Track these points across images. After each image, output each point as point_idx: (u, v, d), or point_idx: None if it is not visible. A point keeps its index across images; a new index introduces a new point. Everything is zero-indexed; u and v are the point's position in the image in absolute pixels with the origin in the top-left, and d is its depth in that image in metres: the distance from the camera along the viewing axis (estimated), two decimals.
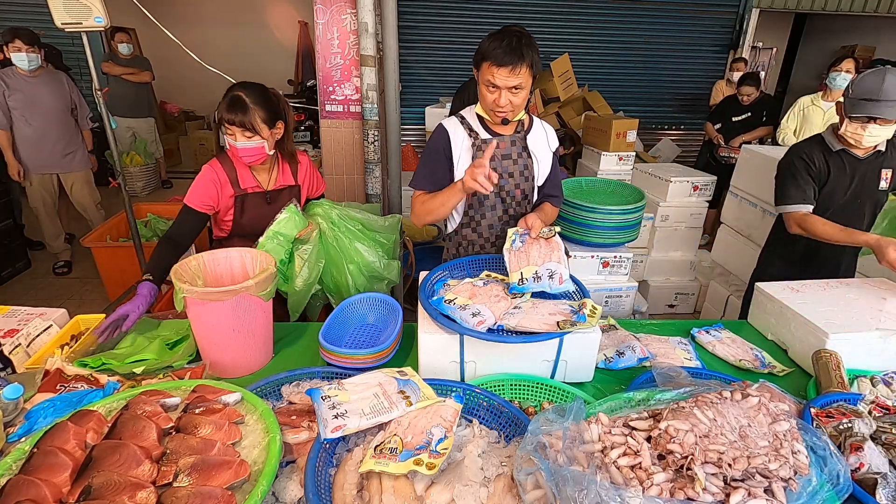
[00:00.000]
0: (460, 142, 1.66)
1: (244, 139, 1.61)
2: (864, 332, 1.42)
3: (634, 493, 0.80)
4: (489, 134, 1.68)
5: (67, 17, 2.52)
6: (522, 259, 1.44)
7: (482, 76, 1.53)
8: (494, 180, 1.42)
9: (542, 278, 1.36)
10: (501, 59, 1.45)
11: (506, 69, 1.46)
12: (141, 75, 5.31)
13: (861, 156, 1.93)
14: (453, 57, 6.07)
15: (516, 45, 1.46)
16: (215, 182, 1.70)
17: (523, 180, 1.73)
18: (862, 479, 0.93)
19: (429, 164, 1.71)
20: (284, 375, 1.25)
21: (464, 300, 1.29)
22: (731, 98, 4.66)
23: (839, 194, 1.97)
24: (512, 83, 1.49)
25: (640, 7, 6.08)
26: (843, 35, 7.33)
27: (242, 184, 1.74)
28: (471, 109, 1.72)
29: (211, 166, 1.72)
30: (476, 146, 1.66)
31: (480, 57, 1.51)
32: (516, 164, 1.70)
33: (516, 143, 1.70)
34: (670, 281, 3.68)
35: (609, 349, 1.48)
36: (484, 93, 1.55)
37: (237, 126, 1.59)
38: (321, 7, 2.55)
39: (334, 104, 2.71)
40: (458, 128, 1.68)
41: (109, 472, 0.83)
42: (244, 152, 1.62)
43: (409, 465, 0.91)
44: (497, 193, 1.72)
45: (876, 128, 1.78)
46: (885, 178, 1.92)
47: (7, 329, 1.40)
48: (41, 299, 3.69)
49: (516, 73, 1.47)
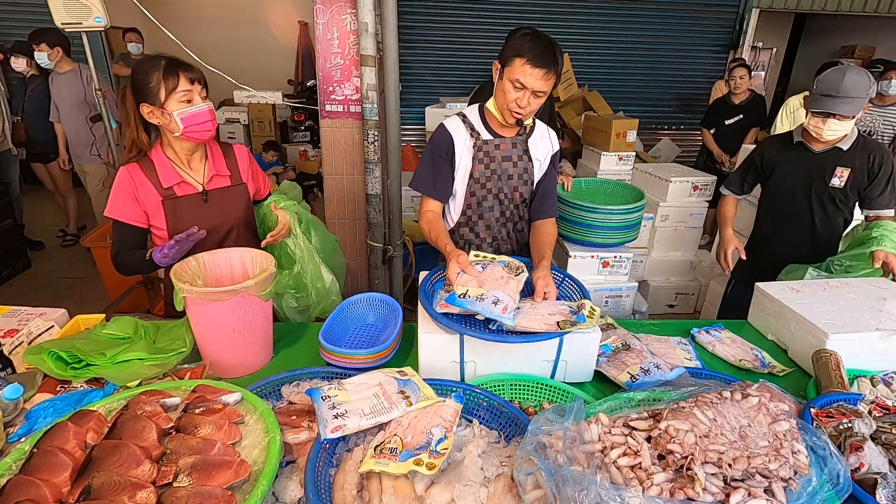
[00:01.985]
0: (462, 142, 1.65)
1: (204, 100, 1.42)
2: (864, 333, 1.41)
3: (634, 493, 0.80)
4: (491, 135, 1.67)
5: (67, 17, 2.52)
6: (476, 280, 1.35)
7: (511, 73, 1.48)
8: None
9: (484, 300, 1.24)
10: (539, 61, 1.43)
11: (541, 71, 1.44)
12: None
13: (816, 150, 1.97)
14: (453, 57, 6.07)
15: (552, 49, 1.45)
16: (132, 187, 1.46)
17: (521, 183, 1.72)
18: (862, 479, 0.93)
19: (430, 165, 1.68)
20: (284, 375, 1.25)
21: (476, 290, 1.28)
22: (721, 101, 4.62)
23: (787, 184, 2.04)
24: (540, 86, 1.46)
25: (640, 7, 6.07)
26: (843, 35, 7.32)
27: (165, 182, 1.48)
28: (474, 108, 1.70)
29: (126, 169, 1.47)
30: (477, 147, 1.65)
31: (515, 53, 1.46)
32: (516, 166, 1.70)
33: (517, 145, 1.69)
34: (670, 281, 3.68)
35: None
36: (507, 90, 1.51)
37: (198, 83, 1.42)
38: (321, 7, 2.54)
39: (334, 104, 2.71)
40: (459, 127, 1.66)
41: (109, 473, 0.83)
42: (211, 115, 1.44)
43: (409, 465, 0.91)
44: (496, 195, 1.72)
45: (835, 123, 1.83)
46: (839, 176, 1.93)
47: (7, 329, 1.40)
48: (41, 299, 3.69)
49: (547, 78, 1.46)
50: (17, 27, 5.68)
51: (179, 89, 1.39)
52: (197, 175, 1.56)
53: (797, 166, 2.01)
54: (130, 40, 5.16)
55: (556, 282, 1.49)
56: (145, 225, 1.52)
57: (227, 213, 1.60)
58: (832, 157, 1.94)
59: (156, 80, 1.38)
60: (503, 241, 1.80)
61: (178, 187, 1.52)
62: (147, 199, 1.49)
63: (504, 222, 1.77)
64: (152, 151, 1.51)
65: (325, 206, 2.92)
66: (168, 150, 1.52)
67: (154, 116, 1.42)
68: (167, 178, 1.50)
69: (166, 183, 1.49)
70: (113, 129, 3.02)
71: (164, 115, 1.41)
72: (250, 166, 1.68)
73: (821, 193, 1.98)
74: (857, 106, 1.79)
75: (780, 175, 2.06)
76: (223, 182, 1.60)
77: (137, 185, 1.47)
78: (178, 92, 1.39)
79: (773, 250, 2.12)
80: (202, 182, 1.56)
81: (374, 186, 2.67)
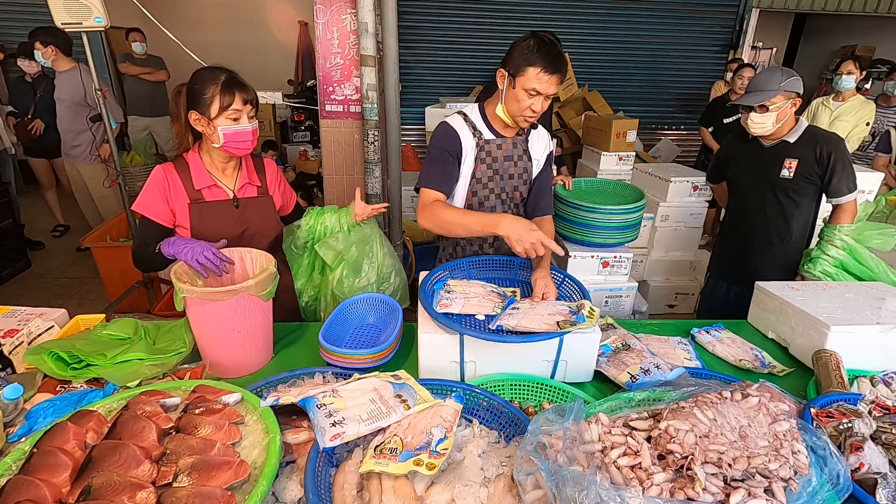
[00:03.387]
0: (467, 141, 1.65)
1: (250, 120, 1.47)
2: (865, 326, 1.42)
3: (634, 494, 0.80)
4: (493, 135, 1.67)
5: (67, 17, 2.52)
6: (621, 365, 1.36)
7: (525, 82, 1.47)
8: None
9: (650, 372, 1.30)
10: (552, 67, 1.45)
11: (555, 77, 1.47)
12: (157, 74, 5.37)
13: (766, 144, 2.07)
14: (453, 57, 6.07)
15: (559, 51, 1.47)
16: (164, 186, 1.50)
17: (521, 183, 1.73)
18: (862, 479, 0.93)
19: (438, 161, 1.63)
20: (284, 375, 1.25)
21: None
22: (720, 100, 4.62)
23: (744, 177, 2.16)
24: (553, 91, 1.49)
25: (640, 7, 6.07)
26: (843, 35, 7.33)
27: (197, 183, 1.52)
28: (473, 107, 1.70)
29: (162, 168, 1.51)
30: (479, 146, 1.65)
31: (527, 63, 1.46)
32: (516, 166, 1.70)
33: (517, 145, 1.70)
34: (670, 281, 3.68)
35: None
36: (521, 98, 1.50)
37: (250, 104, 1.46)
38: (321, 7, 2.55)
39: (334, 104, 2.71)
40: (463, 126, 1.66)
41: (109, 473, 0.83)
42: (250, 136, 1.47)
43: (409, 466, 0.90)
44: (497, 195, 1.72)
45: (756, 115, 1.94)
46: (787, 167, 2.02)
47: (7, 329, 1.40)
48: (41, 299, 3.69)
49: (560, 81, 1.49)
50: (17, 27, 5.68)
51: (232, 108, 1.43)
52: (229, 182, 1.59)
53: (751, 160, 2.12)
54: (134, 40, 5.17)
55: (556, 282, 1.49)
56: (171, 225, 1.53)
57: (254, 222, 1.61)
58: (781, 150, 2.03)
59: (210, 94, 1.42)
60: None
61: (207, 191, 1.54)
62: (177, 199, 1.51)
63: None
64: (190, 153, 1.54)
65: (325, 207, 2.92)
66: (205, 155, 1.56)
67: (200, 125, 1.46)
68: (200, 180, 1.53)
69: (198, 185, 1.52)
70: (113, 128, 3.02)
71: (209, 126, 1.45)
72: (277, 179, 1.71)
73: (773, 185, 2.07)
74: (764, 97, 1.91)
75: (736, 169, 2.20)
76: (252, 192, 1.63)
77: (170, 185, 1.50)
78: (230, 110, 1.43)
79: (737, 242, 2.23)
80: (234, 189, 1.59)
81: (374, 186, 2.67)
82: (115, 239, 3.57)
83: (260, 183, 1.65)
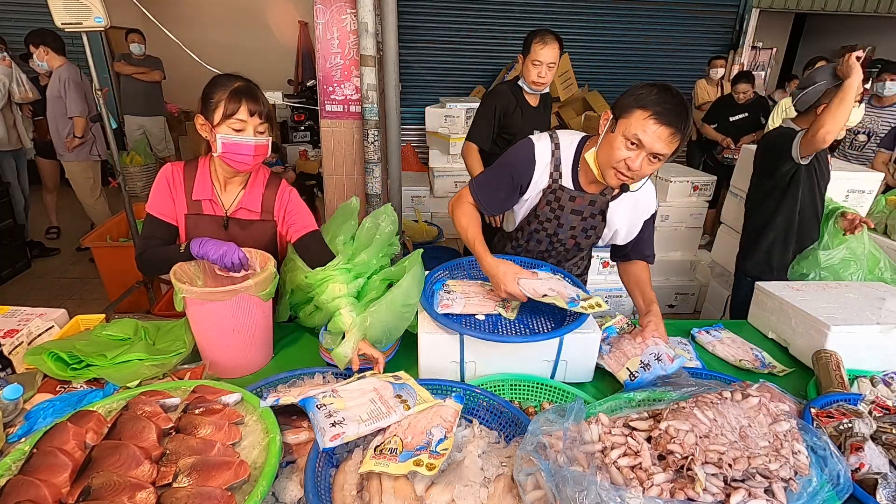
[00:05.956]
0: (541, 172, 1.47)
1: (257, 134, 1.39)
2: (865, 326, 1.42)
3: (634, 494, 0.80)
4: (572, 184, 1.47)
5: (67, 17, 2.52)
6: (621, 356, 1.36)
7: (628, 127, 1.26)
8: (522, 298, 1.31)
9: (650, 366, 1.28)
10: (667, 117, 1.21)
11: (667, 130, 1.22)
12: (151, 74, 5.39)
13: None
14: (453, 57, 6.07)
15: (683, 107, 1.23)
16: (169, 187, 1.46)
17: (584, 237, 1.57)
18: (862, 480, 0.93)
19: (497, 177, 1.50)
20: (284, 375, 1.25)
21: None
22: (725, 98, 4.64)
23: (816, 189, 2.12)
24: (661, 148, 1.24)
25: (640, 7, 6.07)
26: (843, 35, 7.32)
27: (197, 193, 1.47)
28: (574, 141, 1.47)
29: (172, 166, 1.48)
30: (551, 189, 1.47)
31: (637, 104, 1.25)
32: (584, 220, 1.52)
33: (595, 203, 1.48)
34: (670, 281, 3.68)
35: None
36: (617, 146, 1.28)
37: (258, 116, 1.38)
38: (321, 7, 2.54)
39: (334, 104, 2.71)
40: (546, 156, 1.46)
41: (109, 473, 0.83)
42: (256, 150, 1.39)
43: (409, 466, 0.90)
44: (549, 236, 1.58)
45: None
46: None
47: (7, 329, 1.40)
48: (41, 299, 3.69)
49: (673, 140, 1.24)
50: (17, 27, 5.67)
51: (235, 118, 1.36)
52: (227, 199, 1.51)
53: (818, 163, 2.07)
54: (133, 41, 5.21)
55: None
56: (176, 223, 1.49)
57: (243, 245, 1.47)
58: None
59: (217, 99, 1.37)
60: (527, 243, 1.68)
61: (205, 204, 1.49)
62: (178, 202, 1.48)
63: (546, 257, 1.66)
64: (203, 157, 1.51)
65: (325, 206, 2.92)
66: (212, 165, 1.51)
67: (203, 129, 1.43)
68: (200, 190, 1.48)
69: (197, 195, 1.48)
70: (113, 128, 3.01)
71: (210, 133, 1.41)
72: (287, 202, 1.56)
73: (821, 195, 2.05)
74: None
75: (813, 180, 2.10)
76: (250, 215, 1.53)
77: (175, 185, 1.47)
78: (233, 120, 1.37)
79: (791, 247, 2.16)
80: (227, 208, 1.51)
81: (374, 186, 2.67)
82: (115, 239, 3.57)
83: (263, 207, 1.54)
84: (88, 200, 4.17)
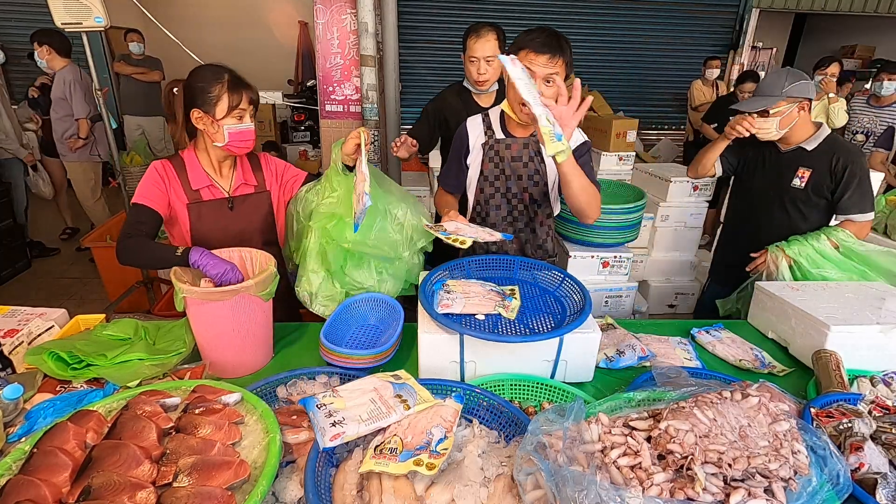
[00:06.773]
0: (476, 139, 1.70)
1: (252, 120, 1.47)
2: (865, 326, 1.42)
3: (634, 494, 0.80)
4: (504, 134, 1.68)
5: (67, 17, 2.52)
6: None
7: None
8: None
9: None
10: (542, 48, 1.46)
11: (544, 56, 1.46)
12: (150, 75, 5.41)
13: (783, 149, 1.98)
14: (453, 57, 6.05)
15: (556, 38, 1.48)
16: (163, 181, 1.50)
17: (532, 184, 1.71)
18: (862, 479, 0.93)
19: (449, 161, 1.80)
20: (284, 376, 1.25)
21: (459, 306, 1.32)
22: (725, 98, 4.63)
23: (756, 182, 2.08)
24: (547, 71, 1.47)
25: (641, 7, 6.07)
26: (843, 35, 7.33)
27: (195, 183, 1.53)
28: (498, 107, 1.72)
29: (161, 163, 1.52)
30: (489, 145, 1.67)
31: (517, 47, 1.50)
32: (526, 167, 1.69)
33: (529, 146, 1.68)
34: (670, 281, 3.68)
35: (609, 348, 1.48)
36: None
37: (253, 104, 1.46)
38: (321, 7, 2.55)
39: (334, 104, 2.72)
40: (478, 125, 1.72)
41: (109, 473, 0.83)
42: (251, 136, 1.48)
43: (409, 466, 0.90)
44: (503, 194, 1.72)
45: (761, 121, 1.87)
46: (800, 177, 1.93)
47: (7, 329, 1.40)
48: (41, 299, 3.69)
49: (553, 62, 1.47)
50: (17, 27, 5.68)
51: (239, 108, 1.43)
52: (224, 181, 1.58)
53: (766, 164, 2.04)
54: (132, 40, 5.23)
55: (556, 282, 1.49)
56: (164, 213, 1.51)
57: (249, 220, 1.62)
58: (796, 157, 1.94)
59: (217, 93, 1.41)
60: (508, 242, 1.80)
61: (205, 191, 1.54)
62: (175, 196, 1.51)
63: (511, 221, 1.77)
64: (185, 152, 1.53)
65: None
66: (201, 154, 1.55)
67: (202, 123, 1.45)
68: (197, 180, 1.53)
69: (195, 185, 1.52)
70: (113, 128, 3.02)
71: (213, 125, 1.44)
72: (277, 172, 1.68)
73: (783, 193, 1.98)
74: (764, 102, 1.85)
75: (750, 170, 2.11)
76: (248, 189, 1.63)
77: (169, 179, 1.51)
78: (237, 110, 1.43)
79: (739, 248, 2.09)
80: (229, 189, 1.58)
81: None
82: (115, 239, 3.56)
83: (256, 182, 1.65)
84: (89, 201, 4.19)
